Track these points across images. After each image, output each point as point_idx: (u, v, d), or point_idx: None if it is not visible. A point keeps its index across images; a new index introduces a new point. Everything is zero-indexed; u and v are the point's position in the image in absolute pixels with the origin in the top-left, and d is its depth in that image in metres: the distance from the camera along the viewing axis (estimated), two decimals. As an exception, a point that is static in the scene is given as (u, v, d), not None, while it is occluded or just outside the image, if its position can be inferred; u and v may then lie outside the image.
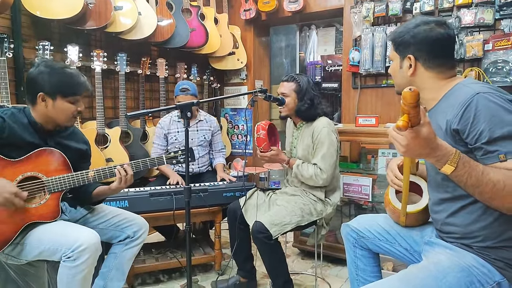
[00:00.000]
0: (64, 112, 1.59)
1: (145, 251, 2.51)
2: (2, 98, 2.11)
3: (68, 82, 1.58)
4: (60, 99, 1.57)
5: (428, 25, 1.21)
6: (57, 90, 1.56)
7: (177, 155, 1.81)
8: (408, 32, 1.23)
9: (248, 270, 2.25)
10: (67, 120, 1.62)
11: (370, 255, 1.55)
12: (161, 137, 2.76)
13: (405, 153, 1.00)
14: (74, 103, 1.60)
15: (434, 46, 1.20)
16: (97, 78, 2.65)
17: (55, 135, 1.67)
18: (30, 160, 1.55)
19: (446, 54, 1.22)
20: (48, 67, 1.56)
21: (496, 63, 2.53)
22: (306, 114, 2.13)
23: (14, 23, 2.35)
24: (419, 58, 1.23)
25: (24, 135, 1.55)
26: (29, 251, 1.52)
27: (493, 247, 1.11)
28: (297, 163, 2.12)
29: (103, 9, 2.54)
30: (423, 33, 1.20)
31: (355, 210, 2.83)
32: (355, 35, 3.18)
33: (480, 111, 1.04)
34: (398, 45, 1.27)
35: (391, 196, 1.43)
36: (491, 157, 1.03)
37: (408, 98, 0.88)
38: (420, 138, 0.95)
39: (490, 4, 2.59)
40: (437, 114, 1.20)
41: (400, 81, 1.30)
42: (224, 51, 3.75)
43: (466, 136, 1.07)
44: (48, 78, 1.55)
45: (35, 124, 1.59)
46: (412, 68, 1.24)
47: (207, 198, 2.34)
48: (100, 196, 1.78)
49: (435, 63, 1.21)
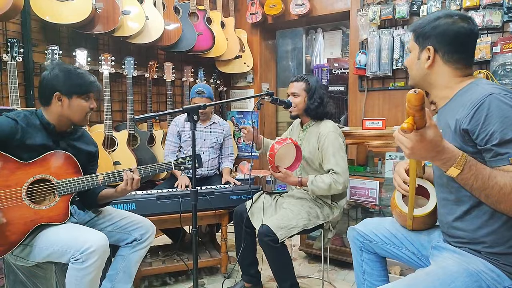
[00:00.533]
0: (79, 110, 1.65)
1: (152, 254, 2.52)
2: (12, 102, 2.14)
3: (82, 81, 1.65)
4: (75, 97, 1.63)
5: (451, 18, 1.18)
6: (72, 89, 1.62)
7: (185, 161, 1.83)
8: (430, 23, 1.21)
9: (252, 275, 2.24)
10: (81, 118, 1.67)
11: (377, 259, 1.54)
12: (175, 134, 2.78)
13: (410, 155, 0.99)
14: (87, 101, 1.67)
15: (455, 40, 1.18)
16: (105, 81, 2.67)
17: (66, 137, 1.70)
18: (42, 162, 1.58)
19: (466, 49, 1.20)
20: (62, 68, 1.64)
21: (504, 65, 2.51)
22: (316, 112, 2.13)
23: (24, 28, 2.39)
24: (438, 50, 1.20)
25: (37, 137, 1.58)
26: (38, 252, 1.54)
27: (503, 253, 1.09)
28: (310, 179, 2.02)
29: (111, 13, 2.57)
30: (445, 25, 1.18)
31: (362, 213, 2.81)
32: (362, 38, 3.17)
33: (492, 112, 1.02)
34: (418, 35, 1.24)
35: (397, 200, 1.42)
36: (501, 159, 1.01)
37: (412, 101, 0.87)
38: (425, 140, 0.94)
39: (498, 6, 2.57)
40: (447, 112, 1.18)
41: (416, 72, 1.27)
42: (230, 55, 3.76)
43: (476, 136, 1.05)
44: (63, 78, 1.61)
45: (48, 126, 1.63)
46: (430, 60, 1.21)
47: (213, 201, 2.35)
48: (106, 199, 1.80)
49: (454, 58, 1.19)
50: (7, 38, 2.25)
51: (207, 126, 2.80)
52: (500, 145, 1.01)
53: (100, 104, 2.78)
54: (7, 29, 2.32)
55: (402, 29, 3.00)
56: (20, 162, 1.54)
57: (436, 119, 1.25)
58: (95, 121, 2.84)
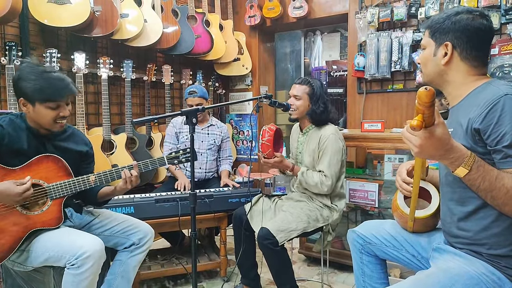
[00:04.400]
0: (45, 118, 1.53)
1: (150, 258, 2.51)
2: (10, 105, 2.14)
3: (45, 87, 1.50)
4: (38, 104, 1.51)
5: (470, 14, 1.16)
6: (34, 96, 1.49)
7: (178, 155, 1.79)
8: (449, 18, 1.18)
9: (252, 278, 2.23)
10: (49, 125, 1.56)
11: (377, 261, 1.53)
12: (172, 135, 2.77)
13: (418, 154, 0.98)
14: (55, 109, 1.53)
15: (474, 36, 1.15)
16: (104, 84, 2.67)
17: (52, 138, 1.65)
18: (31, 167, 1.55)
19: (483, 47, 1.18)
20: (27, 72, 1.50)
21: (502, 67, 2.51)
22: (320, 117, 2.13)
23: (22, 31, 2.39)
24: (456, 47, 1.17)
25: (23, 141, 1.55)
26: (34, 258, 1.52)
27: (505, 255, 1.09)
28: (302, 170, 2.11)
29: (110, 16, 2.57)
30: (465, 21, 1.15)
31: (362, 216, 2.80)
32: (360, 40, 3.18)
33: (506, 113, 1.01)
34: (435, 31, 1.21)
35: (399, 201, 1.41)
36: (511, 161, 1.00)
37: (423, 97, 0.86)
38: (434, 138, 0.93)
39: (495, 8, 2.57)
40: (459, 111, 1.17)
41: (431, 69, 1.24)
42: (229, 57, 3.77)
43: (487, 137, 1.03)
44: (25, 84, 1.49)
45: (31, 129, 1.59)
46: (447, 56, 1.18)
47: (212, 204, 2.34)
48: (106, 197, 1.79)
49: (472, 55, 1.16)
50: (5, 41, 2.25)
51: (204, 128, 2.79)
52: (511, 147, 0.99)
53: (99, 107, 2.78)
54: (5, 33, 2.32)
55: (400, 31, 3.01)
56: (7, 169, 1.51)
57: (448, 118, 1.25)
58: (93, 124, 2.83)
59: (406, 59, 2.96)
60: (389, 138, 2.35)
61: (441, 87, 1.25)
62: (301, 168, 2.13)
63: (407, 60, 2.96)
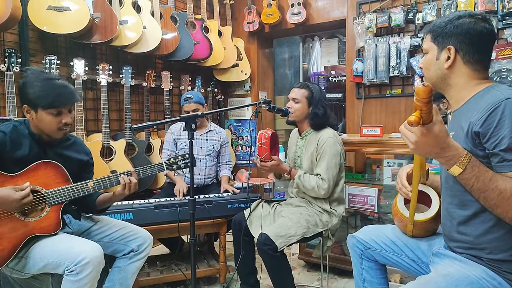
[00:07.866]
0: (47, 124, 1.55)
1: (149, 264, 2.50)
2: (9, 112, 2.14)
3: (48, 94, 1.51)
4: (41, 111, 1.52)
5: (472, 18, 1.17)
6: (37, 102, 1.51)
7: (177, 161, 1.78)
8: (451, 22, 1.18)
9: (251, 284, 2.22)
10: (53, 132, 1.57)
11: (377, 266, 1.53)
12: (171, 142, 2.77)
13: (414, 150, 0.99)
14: (57, 115, 1.54)
15: (477, 40, 1.16)
16: (103, 91, 2.67)
17: (54, 146, 1.66)
18: (29, 173, 1.54)
19: (486, 51, 1.18)
20: (32, 79, 1.52)
21: (500, 72, 2.53)
22: (319, 121, 2.14)
23: (21, 38, 2.40)
24: (459, 50, 1.17)
25: (25, 148, 1.55)
26: (32, 264, 1.51)
27: (505, 260, 1.09)
28: (299, 173, 2.12)
29: (109, 23, 2.58)
30: (467, 24, 1.16)
31: (361, 221, 2.80)
32: (358, 45, 3.20)
33: (506, 117, 1.01)
34: (437, 36, 1.21)
35: (399, 205, 1.41)
36: (507, 165, 1.00)
37: (421, 93, 0.87)
38: (430, 135, 0.94)
39: (492, 14, 2.59)
40: (461, 115, 1.17)
41: (434, 73, 1.24)
42: (228, 63, 3.78)
43: (486, 140, 1.04)
44: (29, 90, 1.51)
45: (34, 135, 1.59)
46: (450, 60, 1.18)
47: (211, 209, 2.33)
48: (104, 204, 1.78)
49: (474, 58, 1.17)
50: (4, 48, 2.25)
51: (203, 134, 2.79)
52: (508, 150, 1.00)
53: (98, 114, 2.78)
54: (5, 39, 2.32)
55: (398, 37, 3.03)
56: (6, 175, 1.51)
57: (450, 122, 1.25)
58: (92, 130, 2.83)
59: (404, 64, 2.98)
60: (388, 143, 2.36)
61: (443, 91, 1.26)
62: (298, 171, 2.13)
63: (405, 65, 2.97)
